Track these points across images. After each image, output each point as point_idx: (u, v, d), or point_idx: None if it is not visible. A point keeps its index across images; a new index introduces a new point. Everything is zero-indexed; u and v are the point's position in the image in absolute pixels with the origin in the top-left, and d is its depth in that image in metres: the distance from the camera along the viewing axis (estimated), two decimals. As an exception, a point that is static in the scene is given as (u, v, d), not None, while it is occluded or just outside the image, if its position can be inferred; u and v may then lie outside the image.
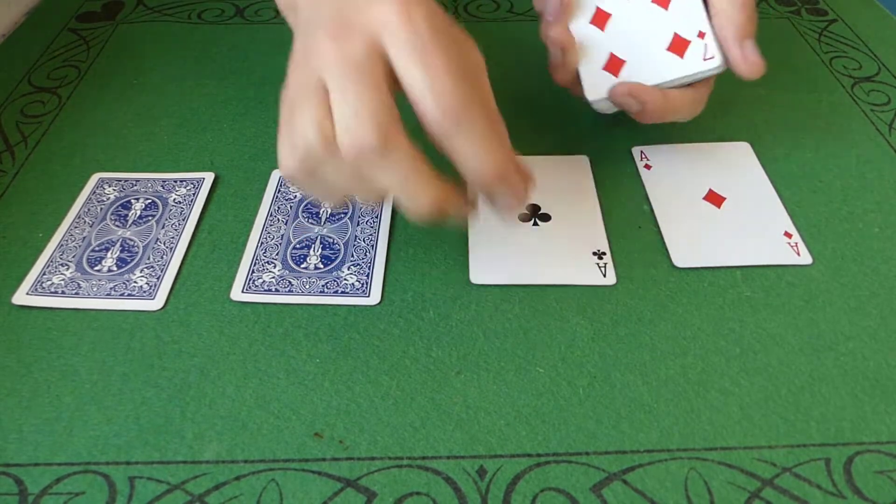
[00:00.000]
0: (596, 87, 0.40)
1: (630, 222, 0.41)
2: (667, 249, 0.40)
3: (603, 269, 0.39)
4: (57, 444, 0.31)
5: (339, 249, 0.38)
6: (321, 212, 0.41)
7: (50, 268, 0.38)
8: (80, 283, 0.37)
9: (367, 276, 0.38)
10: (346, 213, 0.41)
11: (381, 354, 0.35)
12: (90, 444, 0.31)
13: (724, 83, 0.52)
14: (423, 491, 0.30)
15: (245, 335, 0.36)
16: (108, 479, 0.30)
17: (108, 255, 0.39)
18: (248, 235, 0.40)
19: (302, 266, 0.38)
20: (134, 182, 0.44)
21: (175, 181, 0.44)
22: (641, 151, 0.46)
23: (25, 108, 0.50)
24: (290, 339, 0.36)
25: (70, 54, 0.55)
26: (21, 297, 0.37)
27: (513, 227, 0.40)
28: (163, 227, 0.41)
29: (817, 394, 0.33)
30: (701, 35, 0.39)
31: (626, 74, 0.40)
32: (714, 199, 0.42)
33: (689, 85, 0.40)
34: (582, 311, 0.37)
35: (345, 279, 0.37)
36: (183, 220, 0.41)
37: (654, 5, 0.40)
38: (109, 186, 0.43)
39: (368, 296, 0.37)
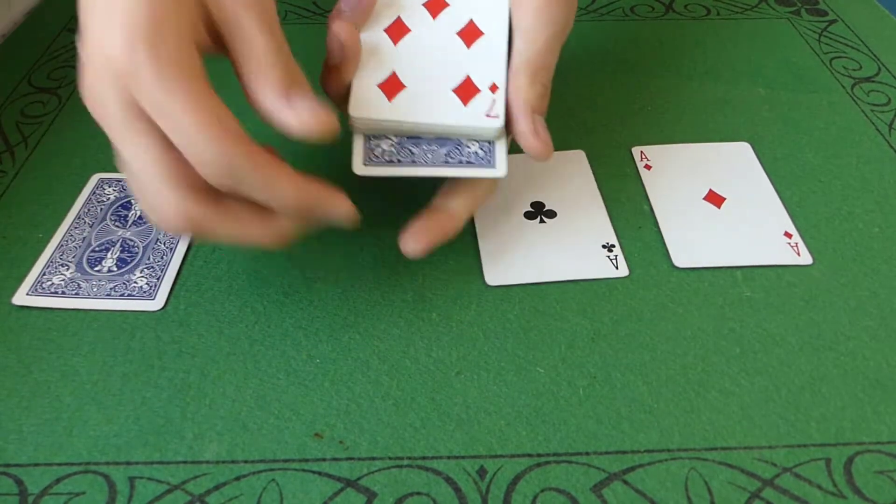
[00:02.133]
0: (363, 104, 0.34)
1: (630, 222, 0.41)
2: (667, 249, 0.40)
3: (614, 261, 0.39)
4: (57, 444, 0.31)
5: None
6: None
7: (50, 268, 0.38)
8: (80, 283, 0.37)
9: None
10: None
11: (381, 354, 0.35)
12: (90, 444, 0.31)
13: (725, 83, 0.52)
14: (424, 491, 0.30)
15: (245, 335, 0.36)
16: (108, 479, 0.30)
17: (108, 255, 0.39)
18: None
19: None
20: None
21: None
22: (641, 151, 0.46)
23: (25, 108, 0.50)
24: (290, 339, 0.36)
25: (70, 54, 0.55)
26: (21, 298, 0.37)
27: (520, 226, 0.40)
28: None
29: (817, 394, 0.33)
30: (493, 88, 0.34)
31: (401, 101, 0.34)
32: (714, 199, 0.42)
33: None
34: (582, 310, 0.37)
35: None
36: None
37: (458, 38, 0.35)
38: (109, 187, 0.43)
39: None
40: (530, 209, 0.41)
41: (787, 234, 0.40)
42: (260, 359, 0.35)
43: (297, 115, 0.30)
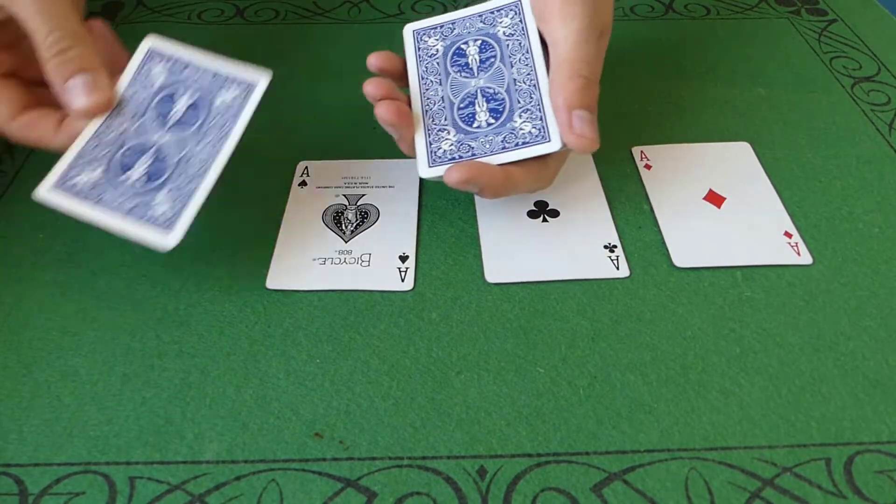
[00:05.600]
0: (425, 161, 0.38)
1: (630, 222, 0.41)
2: (667, 249, 0.40)
3: (615, 261, 0.39)
4: (57, 444, 0.31)
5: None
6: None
7: (82, 160, 0.37)
8: (105, 191, 0.36)
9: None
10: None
11: (381, 354, 0.35)
12: (90, 444, 0.31)
13: (725, 83, 0.52)
14: (424, 491, 0.30)
15: (245, 335, 0.36)
16: (108, 479, 0.30)
17: (140, 162, 0.37)
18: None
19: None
20: (185, 66, 0.40)
21: (226, 78, 0.39)
22: (641, 151, 0.46)
23: (25, 108, 0.50)
24: (290, 339, 0.36)
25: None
26: (45, 192, 0.36)
27: (522, 225, 0.40)
28: (199, 142, 0.37)
29: (817, 394, 0.33)
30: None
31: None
32: (714, 199, 0.42)
33: (536, 159, 0.37)
34: (582, 310, 0.37)
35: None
36: (224, 135, 0.37)
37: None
38: (160, 63, 0.40)
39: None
40: (534, 208, 0.41)
41: (787, 234, 0.40)
42: (260, 359, 0.35)
43: (75, 96, 0.37)
